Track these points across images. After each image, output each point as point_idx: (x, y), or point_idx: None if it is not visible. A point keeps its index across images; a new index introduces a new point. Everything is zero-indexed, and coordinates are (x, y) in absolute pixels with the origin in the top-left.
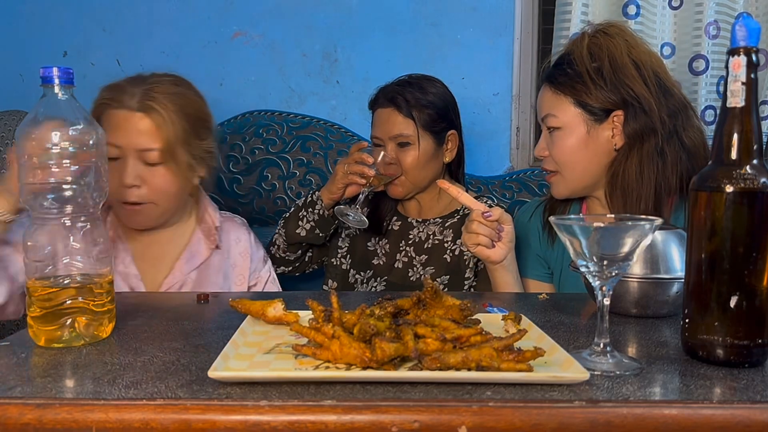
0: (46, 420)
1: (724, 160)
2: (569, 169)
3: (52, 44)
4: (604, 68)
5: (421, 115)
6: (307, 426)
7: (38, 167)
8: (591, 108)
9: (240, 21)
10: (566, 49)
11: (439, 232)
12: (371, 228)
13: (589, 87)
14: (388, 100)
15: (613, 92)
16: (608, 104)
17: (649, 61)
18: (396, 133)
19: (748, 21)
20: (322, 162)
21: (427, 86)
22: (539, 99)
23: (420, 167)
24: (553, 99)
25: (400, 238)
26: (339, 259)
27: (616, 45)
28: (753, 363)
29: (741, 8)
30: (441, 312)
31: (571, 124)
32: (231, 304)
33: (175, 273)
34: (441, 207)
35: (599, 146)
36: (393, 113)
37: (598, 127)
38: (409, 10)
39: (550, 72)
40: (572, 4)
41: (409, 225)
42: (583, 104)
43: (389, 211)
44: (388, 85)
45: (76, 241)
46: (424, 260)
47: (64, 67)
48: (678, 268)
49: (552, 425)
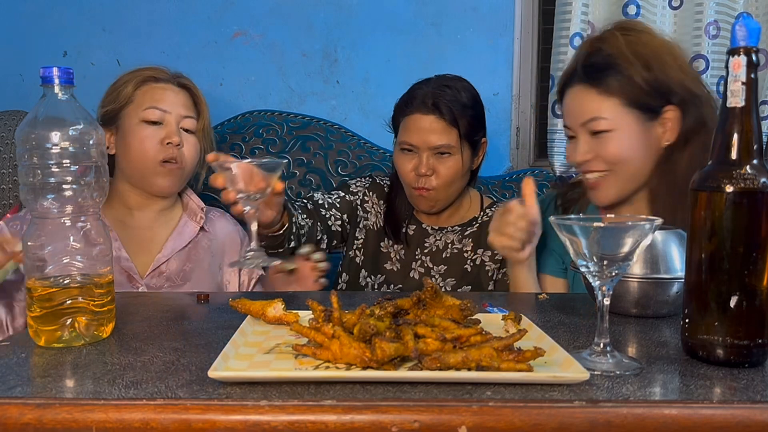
0: (46, 420)
1: (724, 160)
2: (624, 167)
3: (52, 44)
4: (653, 65)
5: (463, 123)
6: (307, 426)
7: (38, 167)
8: (643, 106)
9: (240, 21)
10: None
11: (458, 241)
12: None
13: (641, 85)
14: (428, 106)
15: (664, 88)
16: (660, 101)
17: (680, 54)
18: (436, 142)
19: (748, 21)
20: (322, 162)
21: (464, 90)
22: (576, 104)
23: (456, 179)
24: (598, 101)
25: (416, 246)
26: (354, 251)
27: (652, 41)
28: (753, 363)
29: (741, 8)
30: (441, 312)
31: (623, 125)
32: (231, 304)
33: (164, 252)
34: (459, 215)
35: (651, 144)
36: (436, 121)
37: (650, 124)
38: (409, 10)
39: (589, 74)
40: (572, 4)
41: (424, 232)
42: (635, 103)
43: (407, 215)
44: (422, 87)
45: (76, 241)
46: (443, 270)
47: (64, 67)
48: (678, 268)
49: (552, 425)
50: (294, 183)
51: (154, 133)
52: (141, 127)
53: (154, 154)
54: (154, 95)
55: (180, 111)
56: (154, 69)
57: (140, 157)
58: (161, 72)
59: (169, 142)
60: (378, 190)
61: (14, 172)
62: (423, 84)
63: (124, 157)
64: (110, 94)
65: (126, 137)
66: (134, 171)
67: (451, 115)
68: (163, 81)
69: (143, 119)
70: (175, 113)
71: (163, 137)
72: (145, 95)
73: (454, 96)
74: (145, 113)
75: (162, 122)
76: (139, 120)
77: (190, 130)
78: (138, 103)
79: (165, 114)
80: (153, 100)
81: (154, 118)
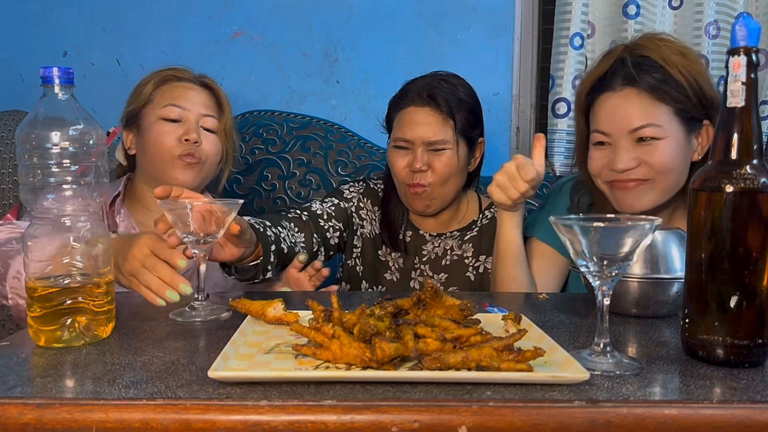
0: (46, 420)
1: (724, 160)
2: (666, 177)
3: (52, 44)
4: (698, 77)
5: (459, 118)
6: (307, 426)
7: (38, 167)
8: (689, 117)
9: (240, 21)
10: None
11: (457, 247)
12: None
13: (690, 96)
14: (423, 98)
15: (706, 101)
16: (701, 114)
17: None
18: (432, 136)
19: (748, 21)
20: (322, 162)
21: (461, 86)
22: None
23: (451, 177)
24: (652, 107)
25: (414, 254)
26: (354, 260)
27: (689, 53)
28: (753, 363)
29: (741, 8)
30: (441, 312)
31: (672, 133)
32: (231, 304)
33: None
34: (458, 219)
35: (689, 156)
36: (431, 114)
37: (690, 137)
38: (409, 10)
39: (643, 79)
40: (572, 4)
41: (421, 238)
42: (683, 113)
43: (402, 221)
44: (417, 81)
45: (76, 241)
46: (444, 279)
47: (64, 67)
48: (678, 268)
49: (552, 425)
50: (294, 183)
51: (173, 130)
52: (160, 124)
53: (172, 148)
54: (174, 93)
55: (200, 109)
56: (175, 69)
57: (158, 152)
58: (183, 72)
59: (187, 138)
60: (372, 196)
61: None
62: (418, 79)
63: (143, 155)
64: (132, 95)
65: (145, 135)
66: (152, 167)
67: (448, 107)
68: (185, 80)
69: (162, 117)
70: (194, 111)
71: (182, 134)
72: (164, 94)
73: (450, 89)
74: (164, 111)
75: (181, 120)
76: (158, 117)
77: (210, 129)
78: (157, 102)
79: (184, 111)
80: (172, 98)
81: (173, 116)
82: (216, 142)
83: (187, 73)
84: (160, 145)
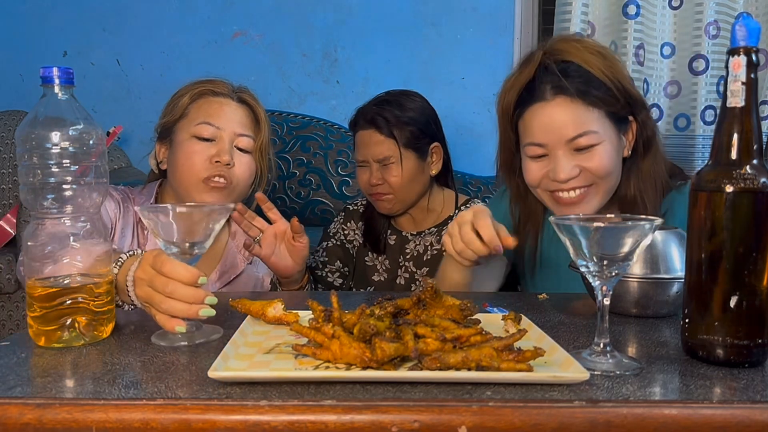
0: (46, 420)
1: (724, 160)
2: (608, 180)
3: (52, 44)
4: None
5: (402, 134)
6: (307, 426)
7: (38, 167)
8: (617, 117)
9: (240, 21)
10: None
11: (436, 242)
12: (370, 245)
13: (617, 96)
14: (367, 121)
15: (629, 98)
16: (627, 111)
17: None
18: (378, 155)
19: (748, 21)
20: (322, 162)
21: (406, 103)
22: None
23: (405, 184)
24: (586, 114)
25: (398, 254)
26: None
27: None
28: (753, 363)
29: (741, 8)
30: (441, 312)
31: (606, 137)
32: (231, 304)
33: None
34: (434, 217)
35: (621, 154)
36: (374, 135)
37: (622, 135)
38: (409, 10)
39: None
40: (572, 4)
41: (404, 239)
42: (612, 114)
43: (384, 226)
44: (366, 105)
45: (76, 241)
46: (425, 273)
47: (64, 67)
48: (678, 268)
49: (552, 425)
50: (294, 183)
51: (205, 150)
52: (191, 143)
53: (200, 170)
54: (209, 110)
55: (235, 128)
56: (214, 82)
57: (186, 173)
58: (221, 85)
59: (218, 160)
60: (354, 215)
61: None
62: (367, 103)
63: (172, 173)
64: (168, 106)
65: (176, 152)
66: (179, 186)
67: (387, 128)
68: (222, 95)
69: (195, 135)
70: (229, 130)
71: (213, 155)
72: (199, 109)
73: (391, 110)
74: (197, 128)
75: (214, 139)
76: (191, 135)
77: (245, 150)
78: (192, 118)
79: (218, 131)
80: (207, 115)
81: (206, 135)
82: (249, 164)
83: (225, 87)
84: (189, 166)
